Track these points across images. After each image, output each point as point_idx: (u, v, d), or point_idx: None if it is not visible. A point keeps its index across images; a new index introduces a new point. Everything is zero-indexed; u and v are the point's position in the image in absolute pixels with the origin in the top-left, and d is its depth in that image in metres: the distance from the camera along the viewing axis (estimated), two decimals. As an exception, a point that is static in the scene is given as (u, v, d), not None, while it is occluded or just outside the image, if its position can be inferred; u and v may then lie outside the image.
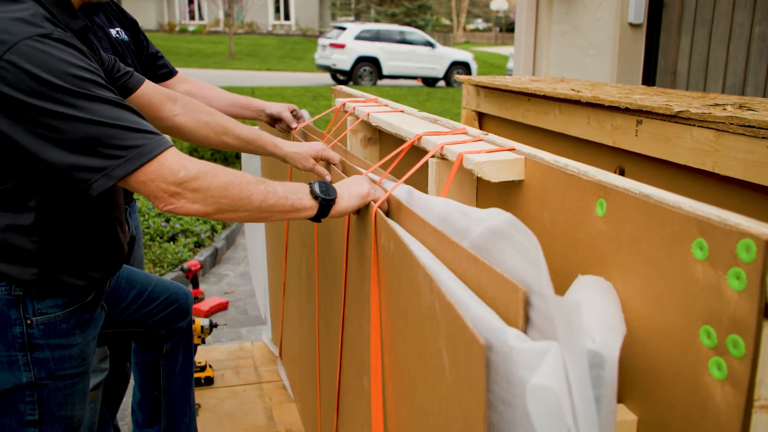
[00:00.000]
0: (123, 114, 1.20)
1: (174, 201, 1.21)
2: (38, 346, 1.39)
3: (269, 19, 38.63)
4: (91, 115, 1.16)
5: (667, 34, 3.52)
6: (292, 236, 2.37)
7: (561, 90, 2.10)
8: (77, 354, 1.47)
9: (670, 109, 1.59)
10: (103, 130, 1.16)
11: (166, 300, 1.92)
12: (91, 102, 1.16)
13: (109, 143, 1.17)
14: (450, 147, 1.36)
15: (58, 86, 1.14)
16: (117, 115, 1.18)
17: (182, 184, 1.20)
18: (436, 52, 19.24)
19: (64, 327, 1.43)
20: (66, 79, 1.15)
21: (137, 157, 1.18)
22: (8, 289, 1.35)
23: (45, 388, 1.41)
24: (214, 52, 26.39)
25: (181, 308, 1.97)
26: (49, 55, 1.15)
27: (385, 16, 35.61)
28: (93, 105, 1.16)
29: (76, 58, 1.19)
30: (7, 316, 1.35)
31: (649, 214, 0.88)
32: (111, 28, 2.02)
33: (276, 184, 1.31)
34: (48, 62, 1.14)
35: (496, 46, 42.04)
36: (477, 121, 2.79)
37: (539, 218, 1.19)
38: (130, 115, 1.21)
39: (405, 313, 1.15)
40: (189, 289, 2.06)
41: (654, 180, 1.74)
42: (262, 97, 13.20)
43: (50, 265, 1.37)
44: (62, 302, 1.42)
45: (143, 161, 1.18)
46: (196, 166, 1.21)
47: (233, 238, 5.44)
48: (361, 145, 2.11)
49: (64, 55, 1.17)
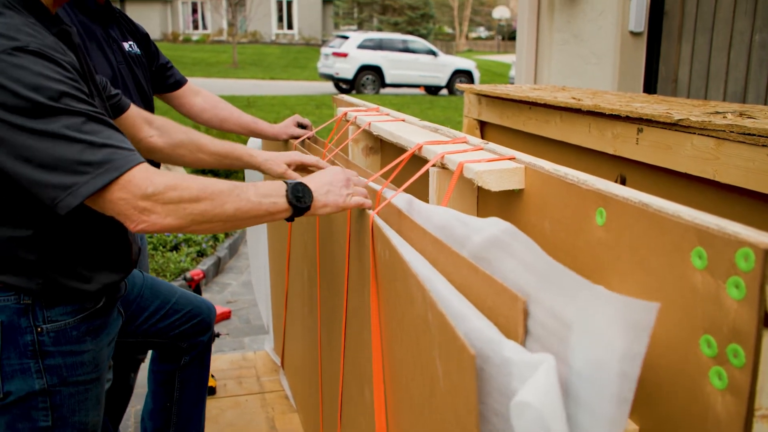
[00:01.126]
0: (94, 127, 1.16)
1: (144, 218, 1.16)
2: (49, 353, 1.39)
3: (272, 29, 38.78)
4: (61, 129, 1.13)
5: (667, 42, 3.52)
6: (295, 245, 2.38)
7: (562, 98, 2.10)
8: (89, 360, 1.47)
9: (670, 117, 1.59)
10: (72, 145, 1.13)
11: (189, 313, 1.93)
12: (63, 116, 1.14)
13: (76, 159, 1.13)
14: (450, 156, 1.36)
15: (30, 99, 1.12)
16: (88, 128, 1.15)
17: (151, 198, 1.15)
18: (439, 60, 19.29)
19: (75, 334, 1.43)
20: (39, 91, 1.13)
21: (104, 173, 1.14)
22: (17, 298, 1.35)
23: (58, 395, 1.41)
24: (218, 61, 26.50)
25: (203, 322, 1.98)
26: (22, 69, 1.13)
27: (387, 25, 35.74)
28: (64, 119, 1.14)
29: (50, 70, 1.16)
30: (18, 325, 1.36)
31: (649, 222, 0.88)
32: (124, 42, 2.05)
33: (248, 188, 1.27)
34: (20, 76, 1.12)
35: (498, 54, 42.12)
36: (479, 129, 2.79)
37: (539, 227, 1.19)
38: (102, 128, 1.18)
39: (401, 323, 1.15)
40: (212, 304, 2.06)
41: (655, 188, 1.74)
42: (264, 106, 13.28)
43: (54, 274, 1.37)
44: (72, 309, 1.42)
45: (110, 178, 1.14)
46: (163, 179, 1.17)
47: (236, 247, 5.44)
48: (363, 155, 2.11)
49: (37, 68, 1.14)
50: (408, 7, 36.78)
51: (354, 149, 2.10)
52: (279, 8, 38.95)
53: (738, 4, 3.05)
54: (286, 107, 13.60)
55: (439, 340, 0.91)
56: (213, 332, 2.04)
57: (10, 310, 1.35)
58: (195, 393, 2.04)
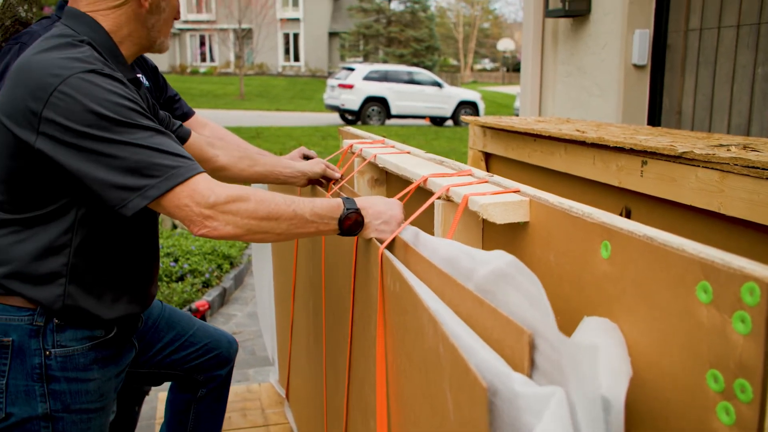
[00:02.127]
0: (161, 140, 1.28)
1: (207, 224, 1.26)
2: (55, 378, 1.41)
3: (279, 61, 39.25)
4: (133, 139, 1.24)
5: (671, 74, 3.55)
6: (300, 276, 2.38)
7: (566, 131, 2.12)
8: (94, 389, 1.47)
9: (674, 150, 1.60)
10: (143, 152, 1.24)
11: (205, 346, 1.92)
12: (133, 129, 1.25)
13: (147, 163, 1.24)
14: (455, 189, 1.37)
15: (104, 115, 1.24)
16: (156, 140, 1.27)
17: (213, 207, 1.25)
18: (444, 91, 19.44)
19: (82, 361, 1.44)
20: (111, 108, 1.25)
21: (171, 178, 1.24)
22: (30, 318, 1.38)
23: (60, 421, 1.42)
24: (225, 92, 26.78)
25: (221, 356, 1.97)
26: (98, 87, 1.26)
27: (393, 57, 36.10)
28: (135, 131, 1.25)
29: (121, 90, 1.29)
30: (28, 346, 1.38)
31: (654, 256, 0.88)
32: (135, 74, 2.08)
33: (306, 205, 1.35)
34: (96, 93, 1.25)
35: (503, 85, 42.46)
36: (484, 161, 2.81)
37: (544, 259, 1.19)
38: (167, 140, 1.29)
39: (410, 355, 1.15)
40: (234, 338, 2.05)
41: (660, 220, 1.75)
42: (270, 137, 13.38)
43: (77, 292, 1.40)
44: (82, 336, 1.44)
45: (176, 182, 1.24)
46: (225, 190, 1.27)
47: (241, 278, 5.44)
48: (369, 186, 2.12)
49: (110, 86, 1.27)
50: (413, 39, 37.18)
51: (360, 181, 2.11)
52: (286, 41, 39.46)
53: (740, 38, 3.08)
54: (292, 138, 13.69)
55: (450, 373, 0.91)
56: (232, 366, 2.03)
57: (23, 331, 1.38)
58: (210, 426, 2.02)
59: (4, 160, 1.32)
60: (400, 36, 37.18)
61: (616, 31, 3.67)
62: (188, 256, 5.08)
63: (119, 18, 1.43)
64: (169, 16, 1.51)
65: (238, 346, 2.09)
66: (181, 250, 5.15)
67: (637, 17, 3.57)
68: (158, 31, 1.50)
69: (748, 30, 3.04)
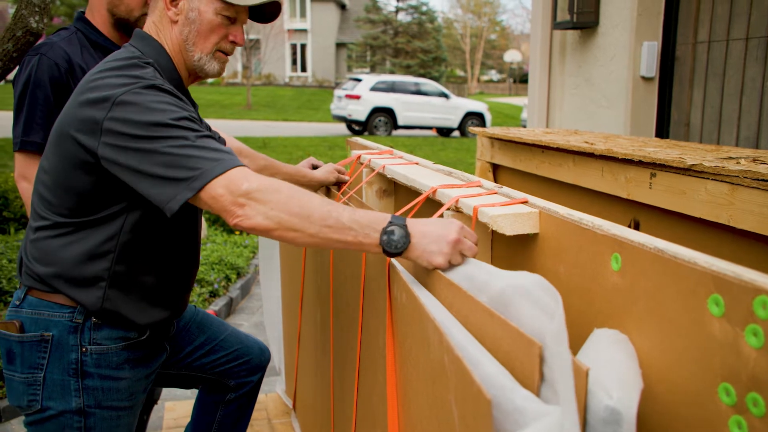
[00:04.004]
0: (207, 141, 1.33)
1: (239, 212, 1.26)
2: (89, 374, 1.48)
3: (286, 71, 39.41)
4: (179, 140, 1.30)
5: (679, 87, 3.55)
6: (308, 286, 2.38)
7: (574, 142, 2.12)
8: (124, 388, 1.53)
9: (683, 163, 1.60)
10: (190, 150, 1.30)
11: (235, 352, 1.94)
12: (183, 130, 1.32)
13: (193, 158, 1.29)
14: (465, 200, 1.38)
15: (158, 121, 1.31)
16: (201, 142, 1.32)
17: (246, 195, 1.26)
18: (451, 102, 19.46)
19: (115, 360, 1.51)
20: (165, 113, 1.32)
21: (212, 170, 1.28)
22: (71, 316, 1.45)
23: (92, 416, 1.49)
24: (232, 102, 26.88)
25: (252, 363, 1.98)
26: (155, 98, 1.34)
27: (400, 68, 36.20)
28: (183, 132, 1.32)
29: (174, 101, 1.37)
30: (66, 341, 1.45)
31: (664, 268, 0.88)
32: None
33: (344, 210, 1.26)
34: (152, 103, 1.33)
35: (510, 96, 42.51)
36: (491, 172, 2.81)
37: (554, 271, 1.19)
38: (213, 142, 1.34)
39: (416, 366, 1.15)
40: (266, 346, 2.05)
41: (669, 232, 1.74)
42: (278, 147, 13.41)
43: (116, 295, 1.47)
44: (116, 336, 1.50)
45: (216, 173, 1.27)
46: (258, 179, 1.28)
47: (248, 288, 5.44)
48: (377, 197, 2.13)
49: (166, 99, 1.35)
50: (420, 50, 37.29)
51: (368, 191, 2.12)
52: (293, 51, 39.63)
53: (749, 50, 3.08)
54: (299, 148, 13.73)
55: (455, 384, 0.91)
56: (263, 374, 2.04)
57: (63, 326, 1.45)
58: (233, 430, 2.04)
59: (67, 167, 1.39)
60: (407, 47, 37.29)
61: (624, 43, 3.68)
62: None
63: (161, 33, 1.51)
64: (204, 30, 1.51)
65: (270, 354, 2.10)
66: (188, 259, 5.16)
67: (645, 29, 3.57)
68: (194, 46, 1.51)
69: (756, 43, 3.04)
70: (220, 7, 1.49)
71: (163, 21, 1.51)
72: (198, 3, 1.49)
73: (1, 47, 2.59)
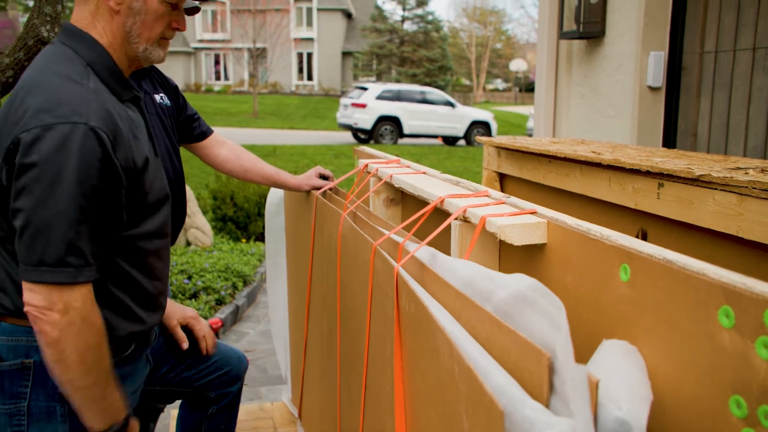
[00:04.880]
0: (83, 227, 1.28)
1: (44, 318, 1.27)
2: None
3: (293, 80, 39.54)
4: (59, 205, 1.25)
5: (686, 96, 3.55)
6: (315, 294, 2.38)
7: (581, 152, 2.12)
8: None
9: (691, 173, 1.60)
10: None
11: (216, 363, 1.93)
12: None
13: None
14: (473, 210, 1.38)
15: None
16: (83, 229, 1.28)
17: (61, 312, 1.26)
18: (456, 111, 19.49)
19: None
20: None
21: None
22: None
23: None
24: (239, 111, 26.98)
25: (232, 373, 1.97)
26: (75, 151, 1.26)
27: (406, 77, 36.28)
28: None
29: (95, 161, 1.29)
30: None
31: (674, 280, 0.88)
32: (156, 94, 2.12)
33: (111, 383, 1.38)
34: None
35: (515, 105, 42.54)
36: (498, 182, 2.81)
37: (562, 282, 1.19)
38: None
39: (425, 376, 1.15)
40: (244, 355, 2.05)
41: (677, 243, 1.74)
42: (284, 155, 13.45)
43: None
44: None
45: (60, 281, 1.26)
46: (80, 309, 1.29)
47: (254, 296, 5.45)
48: (384, 206, 2.13)
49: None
50: (426, 59, 37.38)
51: (375, 201, 2.12)
52: (299, 60, 39.77)
53: (756, 60, 3.08)
54: (305, 156, 13.76)
55: (466, 395, 0.91)
56: (242, 383, 2.03)
57: None
58: None
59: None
60: (412, 56, 37.39)
61: (631, 52, 3.68)
62: (202, 273, 5.09)
63: (99, 25, 1.40)
64: (149, 20, 1.42)
65: (249, 363, 2.10)
66: (195, 267, 5.17)
67: (651, 39, 3.58)
68: (138, 37, 1.43)
69: (764, 53, 3.04)
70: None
71: (101, 12, 1.39)
72: None
73: (12, 56, 2.61)
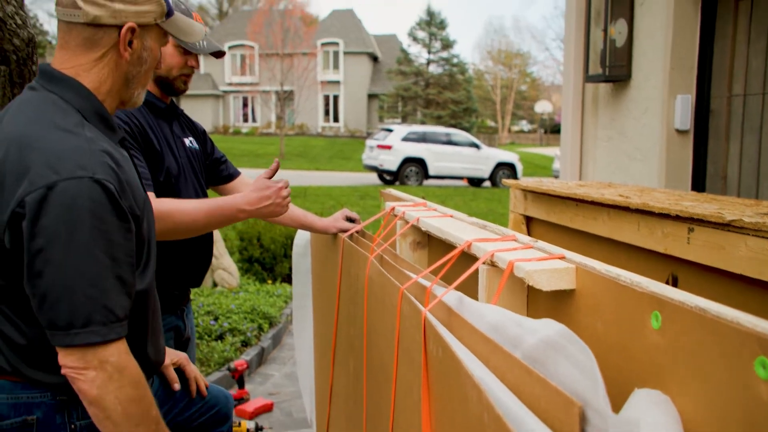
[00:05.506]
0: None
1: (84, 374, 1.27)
2: None
3: (319, 121, 40.07)
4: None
5: (715, 140, 3.53)
6: (341, 338, 2.38)
7: (609, 196, 2.11)
8: None
9: (722, 218, 1.58)
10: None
11: (206, 403, 1.92)
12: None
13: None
14: (500, 254, 1.37)
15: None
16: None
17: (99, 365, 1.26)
18: (482, 153, 19.54)
19: None
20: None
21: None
22: (53, 394, 1.37)
23: None
24: (266, 152, 27.35)
25: (221, 413, 1.96)
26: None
27: (431, 119, 36.56)
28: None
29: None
30: (53, 422, 1.37)
31: (707, 328, 0.86)
32: (185, 138, 2.18)
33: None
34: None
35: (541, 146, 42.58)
36: (525, 224, 2.81)
37: (592, 328, 1.17)
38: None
39: (453, 423, 1.14)
40: (229, 393, 2.05)
41: (709, 289, 1.71)
42: (310, 196, 13.55)
43: None
44: None
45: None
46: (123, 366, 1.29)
47: (280, 338, 5.44)
48: (411, 249, 2.13)
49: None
50: (451, 101, 37.68)
51: (402, 244, 2.13)
52: (326, 102, 40.36)
53: (785, 103, 3.06)
54: (331, 197, 13.85)
55: (494, 444, 0.90)
56: (231, 422, 2.01)
57: (46, 407, 1.36)
58: None
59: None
60: (438, 98, 37.73)
61: (658, 96, 3.68)
62: (228, 314, 5.11)
63: (101, 72, 1.40)
64: (150, 68, 1.48)
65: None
66: (222, 308, 5.19)
67: (678, 83, 3.58)
68: (137, 83, 1.47)
69: (792, 96, 3.02)
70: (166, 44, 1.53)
71: (106, 60, 1.39)
72: (149, 41, 1.45)
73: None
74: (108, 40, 1.38)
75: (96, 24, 1.36)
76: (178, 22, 1.50)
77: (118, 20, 1.37)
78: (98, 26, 1.36)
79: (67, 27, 1.37)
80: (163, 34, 1.49)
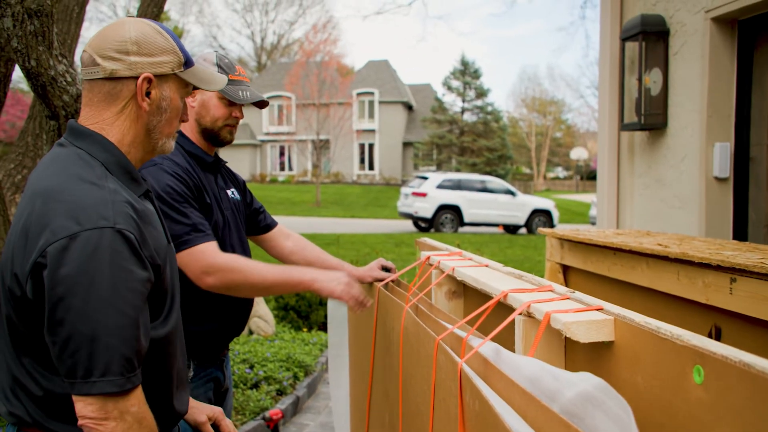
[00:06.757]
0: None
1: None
2: None
3: (354, 169, 40.49)
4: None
5: (755, 187, 3.47)
6: (376, 388, 2.36)
7: (647, 245, 2.09)
8: None
9: (765, 268, 1.55)
10: None
11: None
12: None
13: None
14: (537, 305, 1.36)
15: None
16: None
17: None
18: (517, 200, 19.47)
19: None
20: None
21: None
22: None
23: None
24: (302, 200, 27.66)
25: None
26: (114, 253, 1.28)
27: (465, 166, 36.65)
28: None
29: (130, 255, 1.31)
30: None
31: (752, 385, 0.84)
32: (228, 189, 2.23)
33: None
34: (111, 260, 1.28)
35: (577, 193, 42.27)
36: (561, 273, 2.78)
37: (632, 382, 1.15)
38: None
39: (492, 478, 1.12)
40: None
41: (754, 341, 1.67)
42: (345, 243, 13.62)
43: None
44: None
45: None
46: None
47: (315, 387, 5.41)
48: (446, 299, 2.12)
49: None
50: (486, 148, 37.78)
51: (437, 293, 2.12)
52: (361, 150, 40.83)
53: (827, 150, 3.01)
54: (366, 245, 13.88)
55: (532, 502, 0.88)
56: None
57: None
58: None
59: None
60: (472, 145, 37.87)
61: (695, 144, 3.65)
62: (264, 362, 5.11)
63: (123, 124, 1.44)
64: (172, 117, 1.50)
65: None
66: (257, 356, 5.19)
67: (716, 131, 3.55)
68: (159, 132, 1.49)
69: (835, 143, 2.97)
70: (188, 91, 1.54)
71: (127, 112, 1.44)
72: (168, 91, 1.48)
73: None
74: (127, 92, 1.43)
75: (114, 78, 1.41)
76: (198, 73, 1.54)
77: (134, 72, 1.42)
78: (116, 79, 1.41)
79: (90, 85, 1.43)
80: (185, 84, 1.53)
